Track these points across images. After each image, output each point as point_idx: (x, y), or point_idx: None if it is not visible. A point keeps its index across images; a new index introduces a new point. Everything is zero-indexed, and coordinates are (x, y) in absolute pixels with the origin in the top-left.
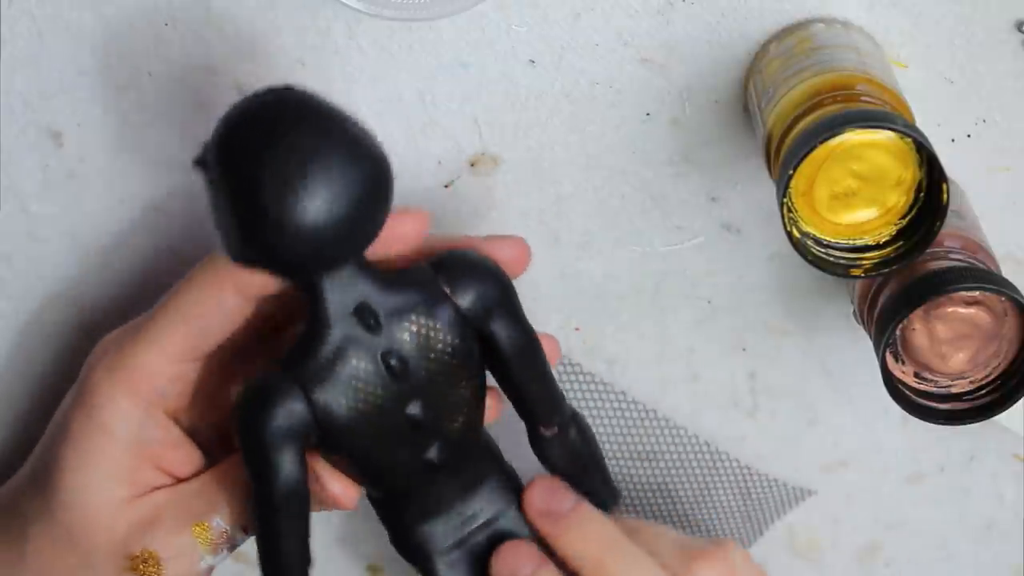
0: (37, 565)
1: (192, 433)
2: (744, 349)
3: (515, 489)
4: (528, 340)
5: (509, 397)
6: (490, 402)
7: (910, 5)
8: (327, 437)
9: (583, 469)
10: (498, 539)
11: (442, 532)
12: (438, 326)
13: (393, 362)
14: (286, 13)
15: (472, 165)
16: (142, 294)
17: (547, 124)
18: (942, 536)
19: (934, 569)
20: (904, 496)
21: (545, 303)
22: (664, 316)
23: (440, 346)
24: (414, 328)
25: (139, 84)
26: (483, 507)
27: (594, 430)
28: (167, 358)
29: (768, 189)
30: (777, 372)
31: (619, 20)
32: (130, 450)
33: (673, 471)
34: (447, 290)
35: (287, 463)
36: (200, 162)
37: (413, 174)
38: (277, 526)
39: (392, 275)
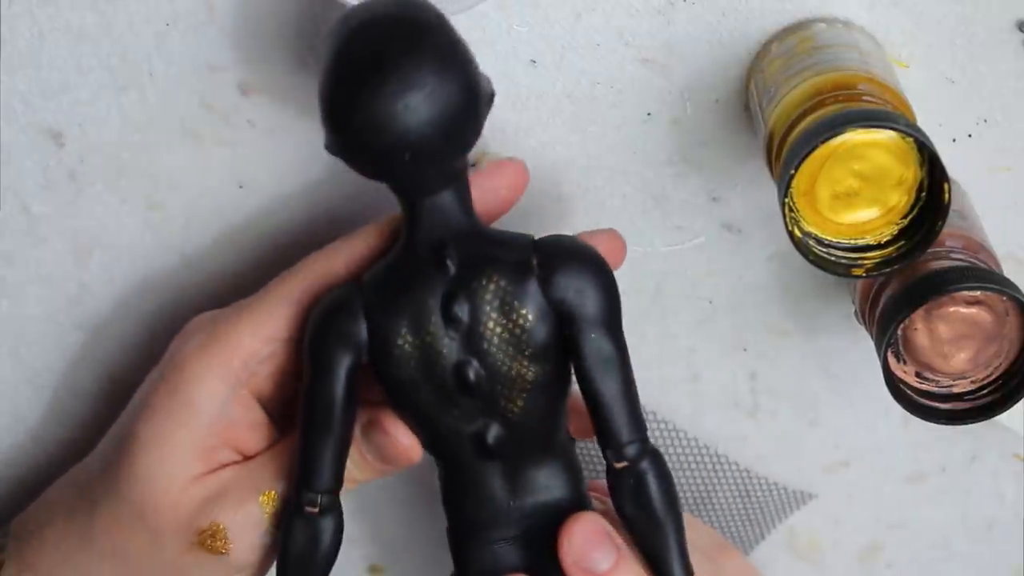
0: (106, 545)
1: (274, 418)
2: (745, 349)
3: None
4: (615, 350)
5: (588, 412)
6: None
7: (911, 5)
8: (378, 361)
9: (654, 524)
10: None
11: (490, 524)
12: (515, 291)
13: (455, 309)
14: (288, 13)
15: (474, 165)
16: (144, 293)
17: (548, 124)
18: (943, 536)
19: (935, 569)
20: (905, 496)
21: None
22: (665, 316)
23: (512, 313)
24: (488, 284)
25: (140, 84)
26: (541, 519)
27: None
28: (264, 336)
29: (769, 189)
30: (778, 372)
31: (620, 20)
32: (211, 428)
33: (674, 473)
34: (536, 264)
35: (332, 374)
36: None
37: None
38: (311, 434)
39: (489, 231)
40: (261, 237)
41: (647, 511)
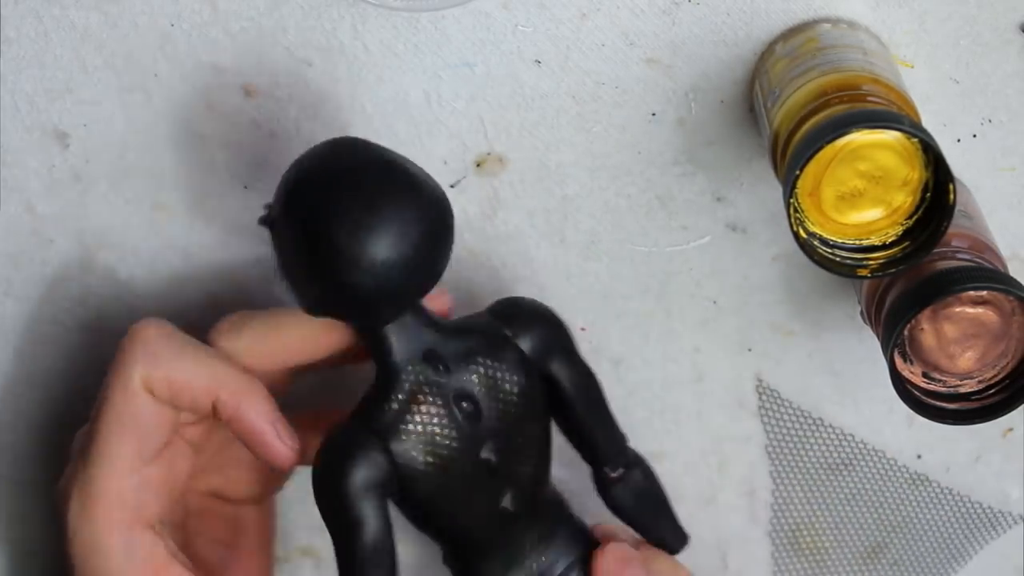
0: None
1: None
2: (750, 349)
3: (585, 540)
4: (588, 379)
5: (573, 442)
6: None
7: (916, 5)
8: (406, 487)
9: (651, 513)
10: None
11: None
12: (504, 367)
13: (464, 404)
14: (292, 13)
15: (478, 165)
16: (148, 294)
17: (553, 124)
18: (947, 536)
19: (939, 569)
20: (909, 496)
21: (551, 303)
22: (669, 316)
23: (508, 386)
24: (481, 370)
25: (145, 84)
26: (557, 559)
27: None
28: (124, 472)
29: (774, 189)
30: (783, 372)
31: (625, 20)
32: None
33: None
34: (508, 333)
35: (372, 517)
36: (266, 221)
37: None
38: None
39: (452, 323)
40: (265, 237)
41: (652, 497)
